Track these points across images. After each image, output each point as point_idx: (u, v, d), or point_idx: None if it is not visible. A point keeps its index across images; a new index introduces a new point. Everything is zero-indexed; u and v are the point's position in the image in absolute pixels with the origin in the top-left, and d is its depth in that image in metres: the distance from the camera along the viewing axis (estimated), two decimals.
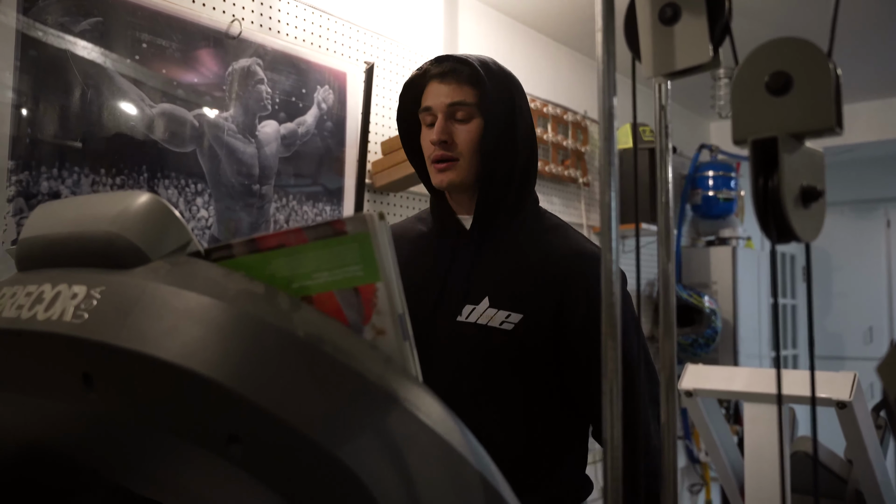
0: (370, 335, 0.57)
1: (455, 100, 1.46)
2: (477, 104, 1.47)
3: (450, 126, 1.47)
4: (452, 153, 1.47)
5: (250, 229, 2.23)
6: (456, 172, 1.47)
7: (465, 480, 0.53)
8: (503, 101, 1.47)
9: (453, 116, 1.47)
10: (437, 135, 1.46)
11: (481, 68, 1.46)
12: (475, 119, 1.47)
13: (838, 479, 2.06)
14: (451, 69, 1.48)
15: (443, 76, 1.49)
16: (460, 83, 1.47)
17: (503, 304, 1.43)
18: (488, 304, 1.44)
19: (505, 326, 1.42)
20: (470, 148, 1.46)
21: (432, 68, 1.51)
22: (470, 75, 1.47)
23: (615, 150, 0.72)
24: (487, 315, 1.43)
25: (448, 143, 1.46)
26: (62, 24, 1.83)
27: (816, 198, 0.62)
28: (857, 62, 4.10)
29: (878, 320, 6.16)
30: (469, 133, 1.46)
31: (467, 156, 1.47)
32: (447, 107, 1.46)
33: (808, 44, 0.61)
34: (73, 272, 0.62)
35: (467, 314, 1.45)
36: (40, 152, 1.80)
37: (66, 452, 0.66)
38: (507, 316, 1.42)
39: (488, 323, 1.43)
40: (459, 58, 1.49)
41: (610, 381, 0.69)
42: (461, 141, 1.46)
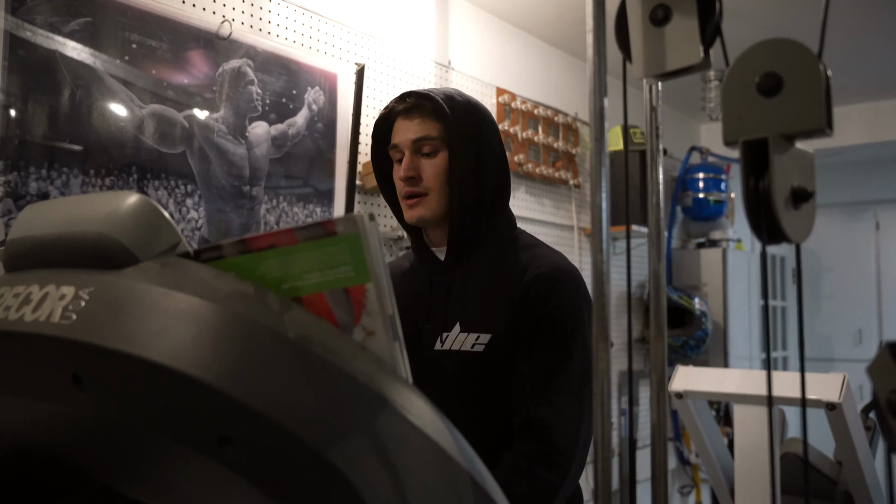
0: (360, 336, 0.57)
1: (419, 135, 1.48)
2: (442, 137, 1.48)
3: (416, 161, 1.49)
4: (420, 189, 1.49)
5: (241, 230, 2.22)
6: (425, 207, 1.50)
7: (455, 481, 0.53)
8: (469, 133, 1.49)
9: (420, 151, 1.49)
10: (404, 171, 1.49)
11: (444, 102, 1.48)
12: (441, 153, 1.49)
13: (828, 481, 2.07)
14: (415, 104, 1.50)
15: (407, 112, 1.51)
16: (424, 118, 1.49)
17: (473, 328, 1.46)
18: (459, 330, 1.47)
19: (476, 349, 1.45)
20: (437, 182, 1.49)
21: (397, 105, 1.53)
22: (433, 109, 1.49)
23: (606, 151, 0.72)
24: (459, 340, 1.47)
25: (415, 179, 1.49)
26: (51, 24, 1.83)
27: (807, 199, 0.62)
28: (848, 65, 4.12)
29: (868, 322, 6.19)
30: (435, 167, 1.48)
31: (436, 189, 1.49)
32: (412, 143, 1.49)
33: (798, 45, 0.61)
34: (61, 273, 0.62)
35: (443, 342, 1.48)
36: (29, 153, 1.79)
37: (56, 454, 0.66)
38: (477, 338, 1.45)
39: (461, 348, 1.46)
40: (422, 93, 1.51)
41: (600, 382, 0.69)
42: (428, 176, 1.49)
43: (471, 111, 1.52)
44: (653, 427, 0.84)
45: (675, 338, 4.32)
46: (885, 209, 6.25)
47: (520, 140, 3.49)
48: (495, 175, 1.53)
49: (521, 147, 3.49)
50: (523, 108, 3.52)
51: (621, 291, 4.03)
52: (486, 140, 1.51)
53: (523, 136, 3.50)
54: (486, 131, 1.52)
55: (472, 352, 1.45)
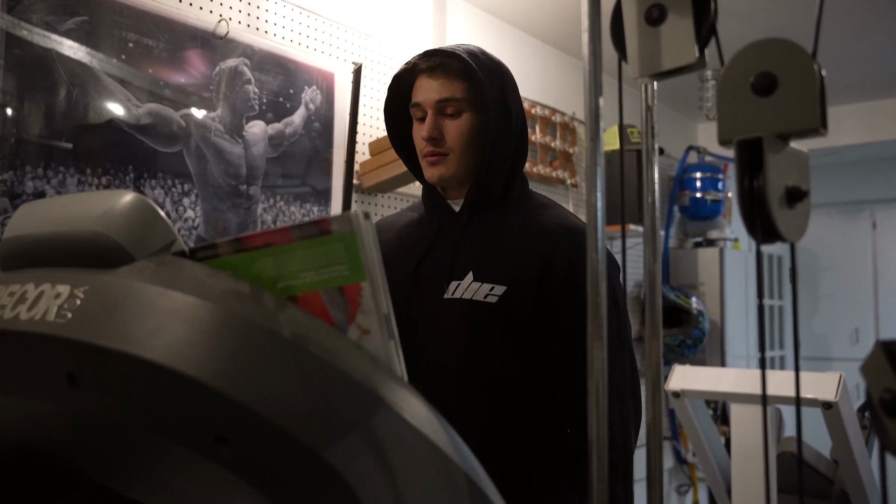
0: (355, 334, 0.57)
1: (444, 96, 1.46)
2: (467, 99, 1.47)
3: (440, 122, 1.47)
4: (443, 148, 1.48)
5: (238, 230, 2.22)
6: (447, 167, 1.48)
7: (451, 480, 0.53)
8: (494, 94, 1.46)
9: (443, 112, 1.47)
10: (428, 132, 1.46)
11: (471, 60, 1.45)
12: (465, 113, 1.47)
13: (824, 479, 2.08)
14: (440, 63, 1.48)
15: (431, 71, 1.48)
16: (449, 78, 1.47)
17: (487, 278, 1.44)
18: (472, 279, 1.45)
19: (489, 299, 1.43)
20: (460, 143, 1.47)
21: (421, 63, 1.50)
22: (460, 69, 1.47)
23: (601, 150, 0.72)
24: (472, 289, 1.44)
25: (438, 140, 1.47)
26: (47, 22, 1.82)
27: (801, 198, 0.62)
28: (844, 65, 4.12)
29: (865, 321, 6.19)
30: (459, 128, 1.47)
31: (458, 150, 1.47)
32: (436, 103, 1.47)
33: (793, 45, 0.61)
34: (56, 272, 0.62)
35: (453, 290, 1.46)
36: (25, 152, 1.78)
37: (51, 453, 0.66)
38: (491, 288, 1.43)
39: (473, 297, 1.44)
40: (448, 51, 1.48)
41: (596, 381, 0.69)
42: (451, 136, 1.47)
43: (496, 70, 1.50)
44: (648, 426, 0.84)
45: (673, 337, 4.32)
46: (881, 209, 6.26)
47: None
48: (518, 134, 1.52)
49: None
50: None
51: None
52: (510, 99, 1.50)
53: None
54: (510, 90, 1.51)
55: (485, 302, 1.43)
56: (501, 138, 1.47)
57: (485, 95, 1.45)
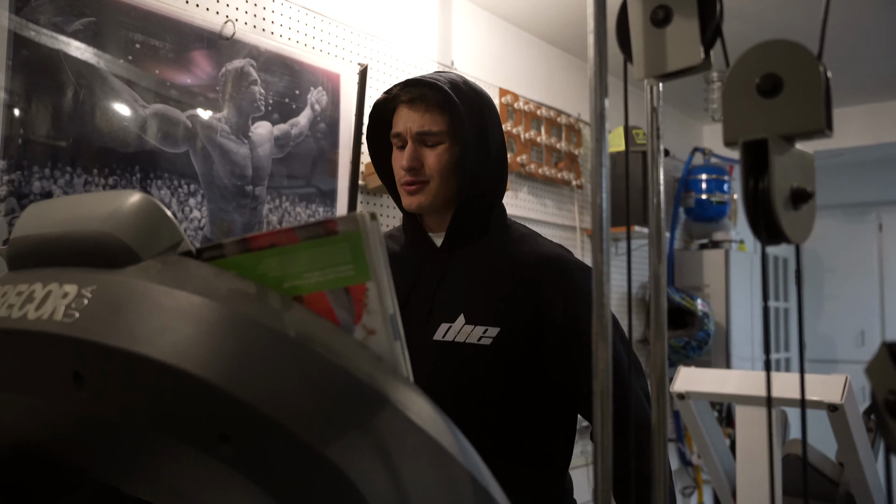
0: (361, 335, 0.57)
1: (424, 128, 1.46)
2: (446, 131, 1.47)
3: (419, 151, 1.48)
4: (422, 177, 1.48)
5: (243, 230, 2.22)
6: (426, 196, 1.48)
7: (455, 480, 0.53)
8: (474, 126, 1.47)
9: (423, 142, 1.48)
10: (408, 161, 1.47)
11: (452, 92, 1.45)
12: (445, 144, 1.47)
13: (830, 482, 2.07)
14: (420, 95, 1.48)
15: (412, 102, 1.48)
16: (429, 109, 1.47)
17: (479, 320, 1.43)
18: (464, 322, 1.44)
19: (483, 342, 1.42)
20: (440, 172, 1.47)
21: (401, 94, 1.50)
22: (439, 101, 1.47)
23: (606, 151, 0.72)
24: (465, 332, 1.43)
25: (417, 169, 1.47)
26: (55, 23, 1.83)
27: (806, 199, 0.62)
28: (849, 66, 4.12)
29: (870, 323, 6.18)
30: (438, 157, 1.47)
31: (437, 179, 1.48)
32: (416, 134, 1.47)
33: (798, 46, 0.61)
34: (64, 271, 0.62)
35: (444, 333, 1.45)
36: (32, 152, 1.79)
37: (57, 452, 0.66)
38: (485, 331, 1.42)
39: (466, 340, 1.43)
40: (428, 82, 1.48)
41: (601, 382, 0.69)
42: (430, 165, 1.47)
43: (477, 101, 1.50)
44: (654, 427, 0.84)
45: (678, 339, 4.32)
46: (887, 210, 6.25)
47: (522, 141, 3.49)
48: (496, 165, 1.52)
49: (523, 147, 3.49)
50: (526, 108, 3.52)
51: (623, 292, 4.03)
52: (490, 130, 1.50)
53: (526, 137, 3.50)
54: (491, 121, 1.51)
55: (478, 345, 1.42)
56: (479, 169, 1.48)
57: (464, 127, 1.45)
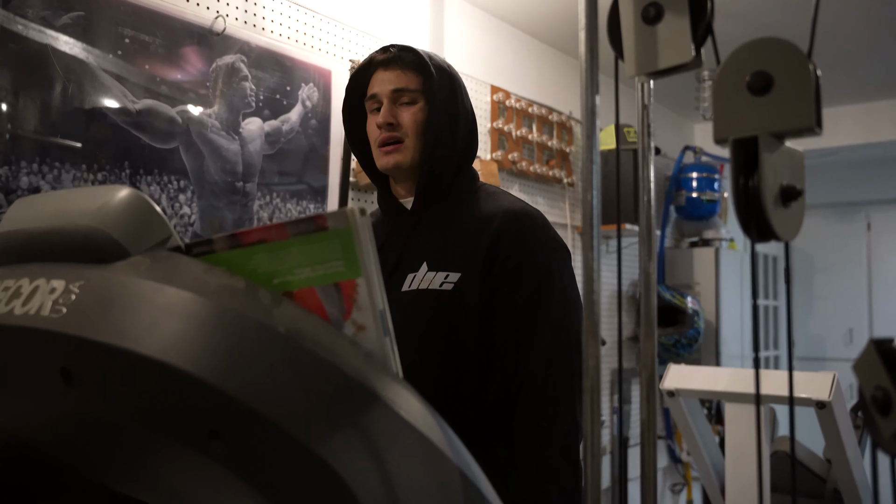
0: (351, 331, 0.57)
1: (399, 86, 1.53)
2: (420, 90, 1.54)
3: (395, 109, 1.54)
4: (398, 134, 1.53)
5: (234, 227, 2.22)
6: (402, 154, 1.54)
7: (445, 476, 0.53)
8: (445, 88, 1.54)
9: (398, 101, 1.54)
10: (383, 117, 1.52)
11: (425, 56, 1.54)
12: (419, 103, 1.54)
13: (817, 479, 2.08)
14: (396, 56, 1.55)
15: (387, 64, 1.56)
16: (404, 69, 1.54)
17: (441, 266, 1.49)
18: (427, 269, 1.49)
19: (445, 287, 1.47)
20: (415, 129, 1.53)
21: (377, 56, 1.58)
22: (413, 62, 1.55)
23: (597, 148, 0.72)
24: (427, 279, 1.49)
25: (394, 125, 1.53)
26: (43, 17, 1.82)
27: (796, 197, 0.62)
28: (840, 66, 4.13)
29: (859, 322, 6.21)
30: (413, 115, 1.53)
31: (412, 137, 1.53)
32: (392, 92, 1.53)
33: (788, 44, 0.61)
34: (51, 267, 0.62)
35: (409, 283, 1.50)
36: (20, 147, 1.78)
37: (46, 450, 0.66)
38: (446, 276, 1.47)
39: (429, 286, 1.48)
40: (403, 45, 1.56)
41: (591, 379, 0.69)
42: (406, 122, 1.53)
43: (447, 69, 1.57)
44: (642, 424, 0.85)
45: (668, 336, 4.33)
46: (876, 210, 6.27)
47: (514, 138, 3.49)
48: (466, 131, 1.58)
49: (514, 145, 3.49)
50: (517, 106, 3.52)
51: (613, 290, 4.04)
52: (460, 96, 1.57)
53: (517, 135, 3.50)
54: (460, 89, 1.59)
55: (441, 290, 1.47)
56: (448, 131, 1.54)
57: (435, 88, 1.51)
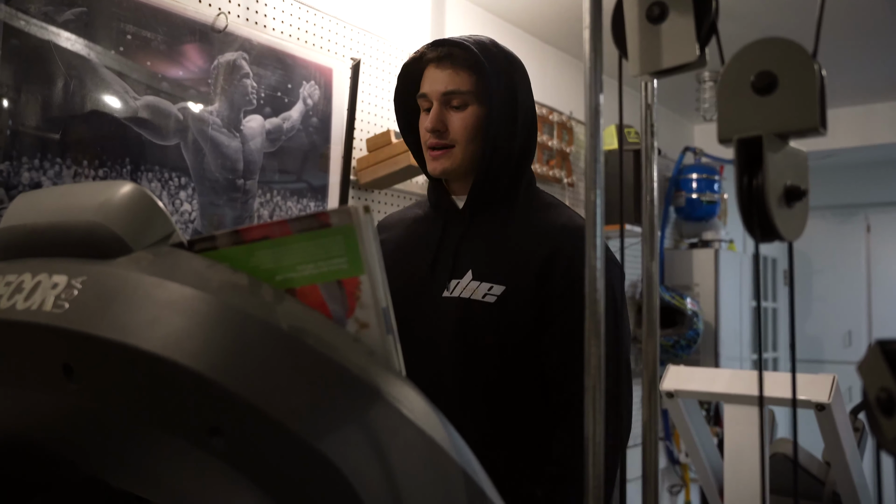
0: (354, 328, 0.57)
1: (450, 88, 1.45)
2: (473, 91, 1.45)
3: (444, 114, 1.46)
4: (447, 140, 1.46)
5: (234, 224, 2.21)
6: (450, 160, 1.47)
7: (447, 475, 0.53)
8: (502, 87, 1.45)
9: (449, 104, 1.46)
10: (432, 123, 1.45)
11: (480, 52, 1.44)
12: (471, 106, 1.45)
13: (816, 481, 2.08)
14: (448, 53, 1.46)
15: (439, 61, 1.47)
16: (457, 69, 1.45)
17: (486, 277, 1.42)
18: (471, 278, 1.43)
19: (487, 299, 1.41)
20: (465, 136, 1.45)
21: (428, 52, 1.49)
22: (467, 59, 1.45)
23: (601, 147, 0.72)
24: (470, 288, 1.42)
25: (442, 132, 1.45)
26: (45, 13, 1.82)
27: (800, 197, 0.62)
28: (840, 68, 4.13)
29: (857, 324, 6.21)
30: (464, 121, 1.45)
31: (462, 143, 1.46)
32: (442, 95, 1.45)
33: (793, 44, 0.61)
34: (54, 262, 0.61)
35: (452, 289, 1.44)
36: (21, 143, 1.78)
37: (46, 445, 0.66)
38: (490, 288, 1.41)
39: (471, 296, 1.42)
40: (456, 41, 1.46)
41: (593, 378, 0.69)
42: (455, 129, 1.45)
43: (505, 63, 1.48)
44: (644, 425, 0.84)
45: (667, 337, 4.33)
46: (875, 212, 6.28)
47: None
48: (525, 131, 1.50)
49: None
50: None
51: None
52: (520, 95, 1.48)
53: None
54: (520, 85, 1.49)
55: (483, 301, 1.41)
56: (505, 134, 1.45)
57: (491, 88, 1.43)
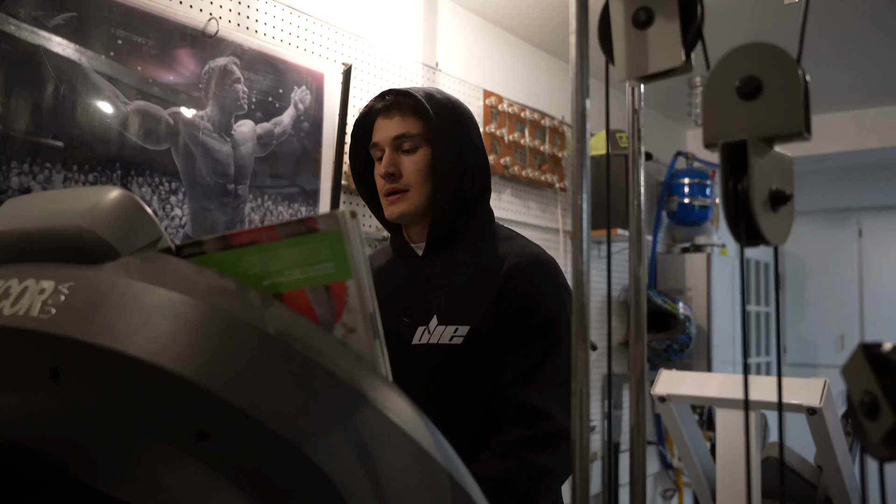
0: (341, 333, 0.57)
1: (399, 132, 1.49)
2: (422, 134, 1.50)
3: (396, 158, 1.50)
4: (400, 185, 1.50)
5: (225, 229, 2.21)
6: (406, 203, 1.50)
7: (433, 479, 0.53)
8: (447, 129, 1.49)
9: (400, 148, 1.50)
10: (385, 168, 1.49)
11: (424, 99, 1.49)
12: (421, 149, 1.50)
13: (808, 485, 2.08)
14: (394, 102, 1.52)
15: (387, 110, 1.52)
16: (403, 115, 1.50)
17: (450, 320, 1.46)
18: (437, 323, 1.47)
19: (455, 341, 1.44)
20: (417, 178, 1.49)
21: (376, 104, 1.54)
22: (412, 106, 1.50)
23: (587, 152, 0.72)
24: (437, 333, 1.46)
25: (395, 175, 1.50)
26: (35, 18, 1.81)
27: (785, 201, 0.62)
28: (831, 73, 4.15)
29: (850, 328, 6.23)
30: (415, 163, 1.49)
31: (416, 185, 1.50)
32: (392, 140, 1.50)
33: (778, 50, 0.62)
34: (41, 267, 0.61)
35: (419, 336, 1.47)
36: (11, 148, 1.78)
37: (33, 449, 0.65)
38: (455, 330, 1.44)
39: (439, 341, 1.45)
40: (401, 91, 1.52)
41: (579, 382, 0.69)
42: (408, 171, 1.49)
43: (450, 108, 1.52)
44: (631, 429, 0.85)
45: (659, 342, 4.34)
46: (867, 216, 6.30)
47: (506, 143, 3.49)
48: (475, 171, 1.53)
49: (507, 150, 3.50)
50: (510, 110, 3.52)
51: (603, 295, 4.04)
52: (466, 136, 1.52)
53: (510, 139, 3.50)
54: (466, 128, 1.53)
55: (451, 344, 1.44)
56: (457, 173, 1.49)
57: (436, 130, 1.47)
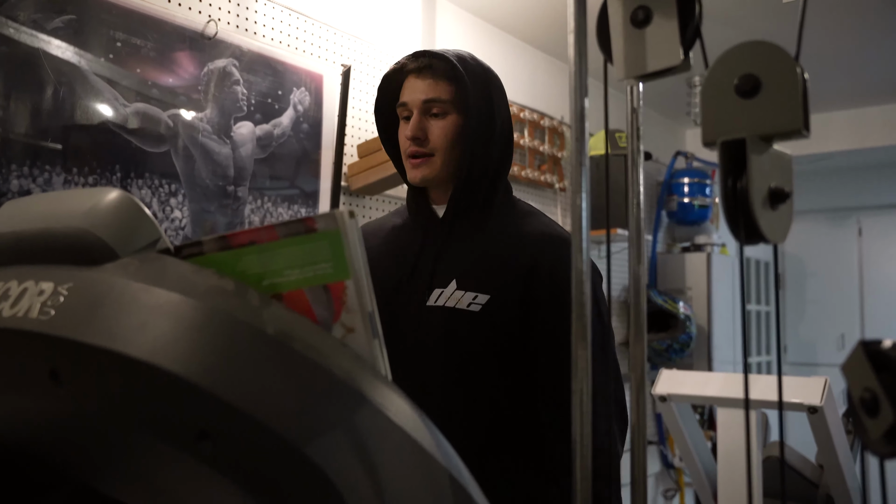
0: (340, 333, 0.57)
1: (430, 96, 1.47)
2: (452, 101, 1.48)
3: (424, 122, 1.48)
4: (426, 149, 1.48)
5: (225, 230, 2.21)
6: (430, 168, 1.49)
7: (433, 478, 0.53)
8: (480, 97, 1.48)
9: (428, 112, 1.48)
10: (412, 131, 1.47)
11: (458, 63, 1.47)
12: (450, 115, 1.48)
13: (810, 484, 2.08)
14: (428, 65, 1.49)
15: (419, 71, 1.50)
16: (436, 79, 1.49)
17: (470, 286, 1.44)
18: (455, 287, 1.45)
19: (472, 308, 1.43)
20: (444, 144, 1.48)
21: (409, 63, 1.52)
22: (446, 71, 1.48)
23: (586, 151, 0.72)
24: (455, 297, 1.44)
25: (422, 140, 1.48)
26: (35, 21, 1.82)
27: (784, 199, 0.62)
28: (832, 72, 4.14)
29: (850, 327, 6.23)
30: (443, 129, 1.48)
31: (441, 151, 1.48)
32: (422, 103, 1.48)
33: (776, 47, 0.62)
34: (40, 269, 0.61)
35: (435, 298, 1.46)
36: (11, 150, 1.78)
37: (33, 451, 0.65)
38: (475, 297, 1.43)
39: (456, 305, 1.44)
40: (436, 53, 1.50)
41: (580, 381, 0.69)
42: (435, 137, 1.48)
43: (483, 75, 1.51)
44: (632, 429, 0.85)
45: (660, 341, 4.34)
46: (867, 215, 6.30)
47: None
48: (502, 141, 1.52)
49: None
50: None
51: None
52: (497, 105, 1.51)
53: None
54: (497, 96, 1.52)
55: (467, 310, 1.42)
56: (484, 142, 1.48)
57: (469, 98, 1.46)
